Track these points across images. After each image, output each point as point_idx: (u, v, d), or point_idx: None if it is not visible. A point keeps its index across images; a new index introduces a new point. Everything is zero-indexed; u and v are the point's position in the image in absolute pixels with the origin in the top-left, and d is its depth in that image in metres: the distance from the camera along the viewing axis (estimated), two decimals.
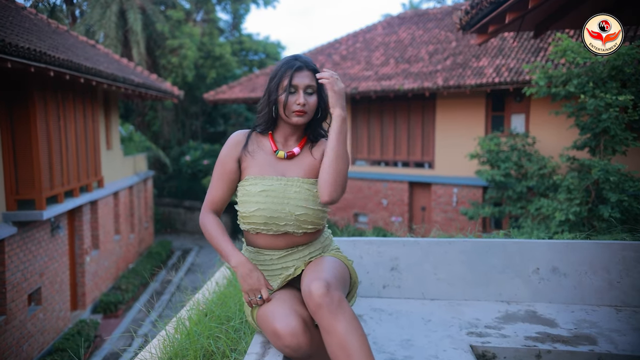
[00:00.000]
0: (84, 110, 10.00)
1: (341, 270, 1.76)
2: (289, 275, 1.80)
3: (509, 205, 9.77)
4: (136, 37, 16.77)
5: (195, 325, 2.16)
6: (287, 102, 1.77)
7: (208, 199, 1.85)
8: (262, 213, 1.76)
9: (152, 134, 19.85)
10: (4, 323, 7.37)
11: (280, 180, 1.80)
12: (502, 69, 10.97)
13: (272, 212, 1.76)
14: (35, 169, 7.85)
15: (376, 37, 15.80)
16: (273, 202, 1.76)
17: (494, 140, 10.04)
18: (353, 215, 14.15)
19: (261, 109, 1.87)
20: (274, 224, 1.78)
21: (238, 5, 22.37)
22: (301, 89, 1.78)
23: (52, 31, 10.23)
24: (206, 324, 2.13)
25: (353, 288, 1.91)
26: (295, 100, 1.77)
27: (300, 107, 1.76)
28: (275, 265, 1.84)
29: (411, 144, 13.16)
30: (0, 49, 5.82)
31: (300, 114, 1.78)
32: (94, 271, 10.88)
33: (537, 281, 2.72)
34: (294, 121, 1.79)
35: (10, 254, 7.60)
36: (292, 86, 1.77)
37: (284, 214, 1.77)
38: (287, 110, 1.78)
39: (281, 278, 1.81)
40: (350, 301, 1.91)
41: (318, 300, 1.55)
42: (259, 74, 16.45)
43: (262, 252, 1.85)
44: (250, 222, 1.79)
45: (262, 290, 1.70)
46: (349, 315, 1.55)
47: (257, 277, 1.71)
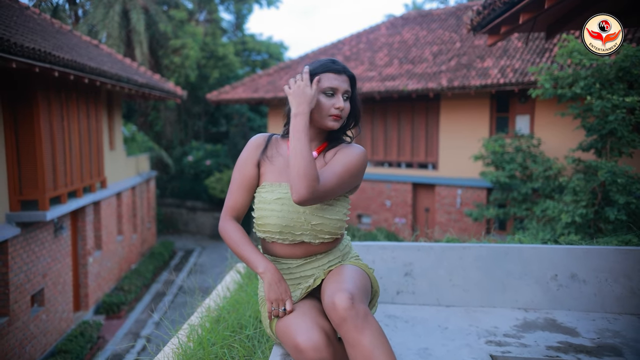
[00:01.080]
0: (87, 110, 9.95)
1: (363, 280, 1.70)
2: (310, 287, 1.75)
3: (514, 206, 9.71)
4: (139, 37, 16.73)
5: (208, 333, 2.11)
6: (324, 105, 1.70)
7: (228, 205, 1.78)
8: (277, 222, 1.70)
9: (154, 134, 19.82)
10: (7, 324, 7.33)
11: None
12: (507, 70, 10.91)
13: (287, 220, 1.70)
14: (39, 170, 7.80)
15: (380, 37, 15.75)
16: (289, 211, 1.70)
17: (498, 142, 9.98)
18: (356, 216, 14.10)
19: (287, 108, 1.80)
20: (289, 233, 1.72)
21: (241, 5, 22.34)
22: (340, 93, 1.72)
23: (56, 31, 10.19)
24: (220, 332, 2.07)
25: (374, 297, 1.85)
26: (333, 104, 1.70)
27: (339, 112, 1.70)
28: (294, 274, 1.78)
29: (415, 145, 13.09)
30: (5, 49, 5.77)
31: (337, 119, 1.71)
32: (96, 272, 10.84)
33: (555, 288, 2.67)
34: (329, 125, 1.72)
35: (14, 255, 7.56)
36: (332, 89, 1.71)
37: (299, 223, 1.71)
38: (322, 112, 1.71)
39: (301, 289, 1.76)
40: (372, 310, 1.85)
41: (343, 313, 1.49)
42: (262, 74, 16.39)
43: (279, 260, 1.80)
44: (266, 231, 1.74)
45: (287, 302, 1.65)
46: (375, 329, 1.49)
47: (285, 288, 1.66)
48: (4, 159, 7.55)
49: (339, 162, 1.69)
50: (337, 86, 1.71)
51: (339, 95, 1.72)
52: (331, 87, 1.71)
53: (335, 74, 1.72)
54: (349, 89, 1.75)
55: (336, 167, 1.67)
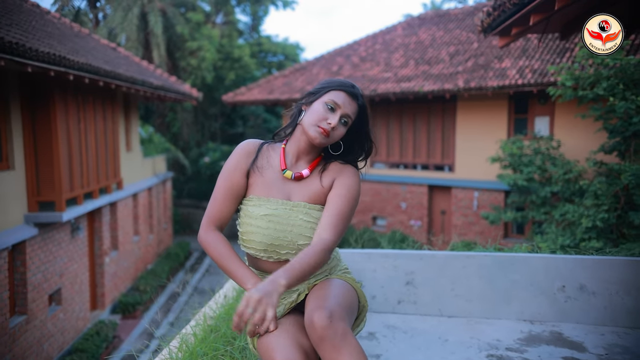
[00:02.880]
0: (103, 112, 10.07)
1: (348, 295, 1.64)
2: (293, 302, 1.69)
3: (532, 210, 9.51)
4: (157, 39, 16.91)
5: (199, 343, 2.08)
6: (318, 114, 1.63)
7: (212, 214, 1.70)
8: (263, 239, 1.64)
9: (171, 135, 20.00)
10: (25, 323, 7.47)
11: (285, 204, 1.67)
12: (525, 70, 10.70)
13: (273, 239, 1.64)
14: (55, 171, 7.91)
15: (396, 38, 15.62)
16: (275, 229, 1.64)
17: (516, 144, 9.79)
18: (371, 218, 14.00)
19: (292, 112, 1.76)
20: (274, 252, 1.66)
21: (257, 7, 22.42)
22: (339, 112, 1.64)
23: (74, 35, 10.34)
24: (210, 343, 2.04)
25: (362, 312, 1.78)
26: (327, 118, 1.63)
27: (328, 127, 1.62)
28: None
29: (431, 147, 12.94)
30: (20, 54, 5.86)
31: (323, 133, 1.63)
32: (113, 272, 10.96)
33: (563, 300, 2.57)
34: (312, 135, 1.64)
35: (32, 255, 7.69)
36: (334, 103, 1.64)
37: (285, 242, 1.65)
38: (312, 120, 1.63)
39: (284, 304, 1.71)
40: (360, 325, 1.79)
41: (320, 332, 1.44)
42: (277, 75, 16.41)
43: (264, 275, 1.74)
44: (250, 247, 1.68)
45: (272, 323, 1.56)
46: (354, 349, 1.43)
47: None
48: (22, 160, 7.68)
49: (343, 201, 1.65)
50: (341, 105, 1.64)
51: (337, 113, 1.64)
52: (335, 101, 1.64)
53: (348, 95, 1.65)
54: (352, 116, 1.67)
55: (341, 206, 1.64)
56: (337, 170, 1.73)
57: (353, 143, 1.76)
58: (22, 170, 7.69)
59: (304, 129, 1.67)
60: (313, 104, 1.67)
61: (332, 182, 1.71)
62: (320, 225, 1.61)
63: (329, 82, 1.69)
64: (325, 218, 1.62)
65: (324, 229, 1.59)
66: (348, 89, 1.66)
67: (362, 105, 1.70)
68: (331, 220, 1.61)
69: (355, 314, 1.69)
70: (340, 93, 1.65)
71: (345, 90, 1.66)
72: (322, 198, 1.70)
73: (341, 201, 1.65)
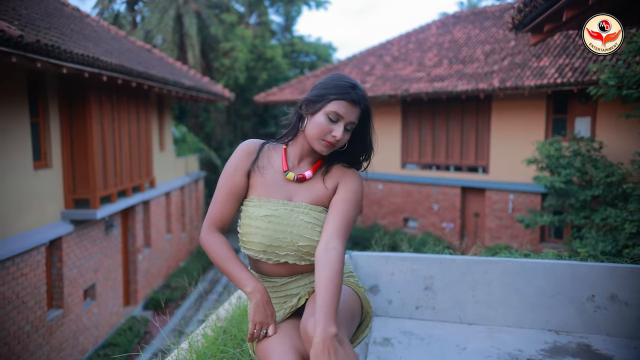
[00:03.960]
0: (137, 112, 10.29)
1: (348, 301, 1.58)
2: (293, 307, 1.65)
3: (571, 214, 9.15)
4: (191, 40, 17.19)
5: (210, 344, 2.05)
6: (322, 128, 1.58)
7: (213, 215, 1.66)
8: (262, 240, 1.60)
9: (205, 135, 20.29)
10: (61, 316, 7.71)
11: (286, 205, 1.62)
12: (565, 68, 10.32)
13: (272, 240, 1.59)
14: (90, 170, 8.12)
15: (430, 37, 15.37)
16: (275, 230, 1.59)
17: (554, 145, 9.44)
18: (402, 219, 13.82)
19: (291, 116, 1.71)
20: (273, 253, 1.61)
21: (290, 8, 22.49)
22: (344, 122, 1.59)
23: (111, 37, 10.61)
24: (218, 345, 2.01)
25: (366, 318, 1.72)
26: (331, 131, 1.58)
27: (333, 140, 1.58)
28: (279, 292, 1.68)
29: (464, 148, 12.67)
30: (55, 55, 6.03)
31: (329, 146, 1.60)
32: (145, 269, 11.18)
33: (592, 310, 2.42)
34: (318, 149, 1.61)
35: (67, 250, 7.91)
36: (337, 115, 1.58)
37: (285, 243, 1.60)
38: (316, 134, 1.59)
39: (285, 309, 1.66)
40: (365, 332, 1.72)
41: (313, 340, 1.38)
42: (309, 75, 16.42)
43: (265, 278, 1.70)
44: (249, 248, 1.64)
45: (271, 327, 1.55)
46: (348, 358, 1.37)
47: (272, 311, 1.56)
48: (60, 159, 7.92)
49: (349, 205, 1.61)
50: (344, 115, 1.58)
51: (341, 124, 1.59)
52: (337, 113, 1.57)
53: (349, 103, 1.58)
54: (356, 121, 1.62)
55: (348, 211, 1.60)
56: (340, 173, 1.69)
57: (356, 145, 1.71)
58: (60, 168, 7.93)
59: (308, 140, 1.63)
60: (315, 116, 1.60)
61: (336, 184, 1.66)
62: (328, 231, 1.55)
63: (328, 89, 1.61)
64: (332, 223, 1.56)
65: (333, 235, 1.53)
66: (349, 97, 1.58)
67: (365, 108, 1.64)
68: (339, 224, 1.56)
69: (356, 320, 1.63)
70: (341, 102, 1.58)
71: (346, 99, 1.58)
72: (325, 200, 1.65)
73: (348, 205, 1.60)
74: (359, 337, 1.72)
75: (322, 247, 1.50)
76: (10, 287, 6.41)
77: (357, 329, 1.72)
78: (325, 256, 1.47)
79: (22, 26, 5.95)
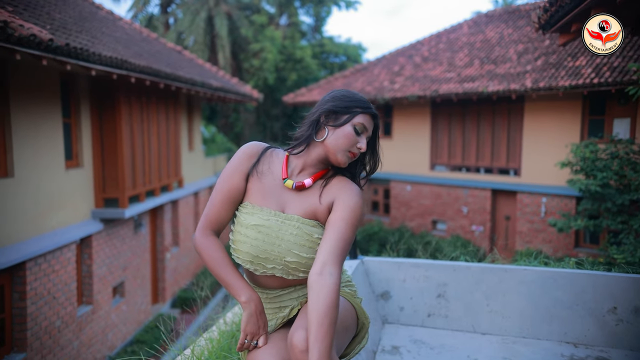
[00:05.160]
0: (166, 113, 10.45)
1: (341, 314, 1.53)
2: (284, 317, 1.61)
3: (607, 218, 8.82)
4: (222, 41, 17.39)
5: (214, 349, 2.04)
6: (350, 139, 1.57)
7: (209, 217, 1.61)
8: (249, 250, 1.55)
9: (234, 135, 20.49)
10: (91, 312, 7.89)
11: (278, 215, 1.57)
12: (603, 68, 9.94)
13: (260, 251, 1.54)
14: (119, 169, 8.28)
15: (461, 37, 15.09)
16: (264, 241, 1.54)
17: (589, 147, 9.10)
18: (431, 222, 13.61)
19: (306, 128, 1.65)
20: (259, 265, 1.56)
21: (320, 8, 22.49)
22: (366, 135, 1.61)
23: (142, 39, 10.82)
24: (219, 351, 1.99)
25: (362, 330, 1.66)
26: (357, 142, 1.58)
27: (358, 152, 1.60)
28: (273, 303, 1.64)
29: (495, 150, 12.38)
30: (85, 58, 6.18)
31: (353, 157, 1.60)
32: (173, 267, 11.35)
33: (613, 323, 2.30)
34: (341, 160, 1.58)
35: (97, 248, 8.10)
36: (363, 126, 1.60)
37: (272, 256, 1.54)
38: (343, 145, 1.57)
39: (276, 319, 1.63)
40: (361, 342, 1.67)
41: (298, 354, 1.35)
42: (338, 76, 16.37)
43: (257, 288, 1.66)
44: (237, 257, 1.59)
45: (262, 338, 1.51)
46: None
47: (264, 322, 1.53)
48: (90, 158, 8.11)
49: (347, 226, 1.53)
50: (368, 127, 1.62)
51: (364, 136, 1.61)
52: (363, 124, 1.60)
53: (370, 117, 1.62)
54: (371, 134, 1.66)
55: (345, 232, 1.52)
56: (338, 187, 1.61)
57: (364, 156, 1.69)
58: (90, 168, 8.12)
59: (329, 151, 1.59)
60: (341, 128, 1.59)
61: (332, 201, 1.59)
62: (323, 253, 1.46)
63: (354, 102, 1.62)
64: (329, 244, 1.48)
65: (329, 259, 1.44)
66: (371, 111, 1.63)
67: (377, 124, 1.67)
68: (336, 247, 1.47)
69: (349, 333, 1.58)
70: (366, 116, 1.61)
71: (370, 113, 1.62)
72: (318, 214, 1.59)
73: (345, 226, 1.52)
74: (355, 348, 1.67)
75: (317, 271, 1.42)
76: (42, 283, 6.60)
77: (353, 339, 1.67)
78: (320, 282, 1.40)
79: (53, 30, 6.12)
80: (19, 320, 6.25)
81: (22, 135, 6.32)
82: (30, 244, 6.36)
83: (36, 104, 6.61)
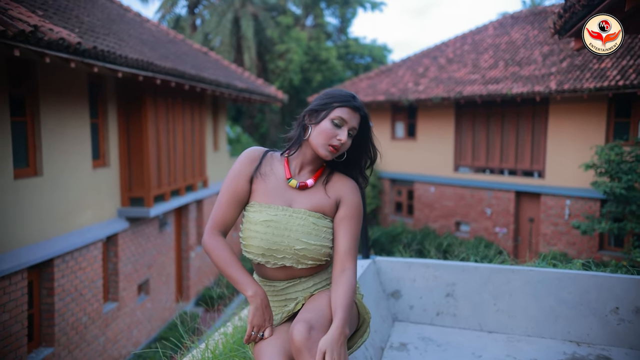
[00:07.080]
0: (192, 113, 10.64)
1: None
2: (290, 311, 1.72)
3: (632, 221, 8.69)
4: (248, 42, 17.60)
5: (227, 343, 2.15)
6: (327, 132, 1.67)
7: (216, 219, 1.72)
8: (260, 244, 1.66)
9: (259, 135, 20.70)
10: (116, 309, 8.08)
11: (285, 210, 1.69)
12: (629, 70, 9.77)
13: (270, 244, 1.66)
14: (145, 169, 8.47)
15: (486, 38, 14.97)
16: (273, 234, 1.66)
17: (614, 150, 8.97)
18: (454, 223, 13.54)
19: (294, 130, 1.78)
20: (271, 256, 1.68)
21: (345, 10, 22.54)
22: (347, 127, 1.69)
23: (168, 41, 11.06)
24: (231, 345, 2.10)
25: (363, 324, 1.76)
26: (336, 135, 1.67)
27: (338, 144, 1.67)
28: (279, 295, 1.75)
29: (519, 152, 12.26)
30: (111, 60, 6.38)
31: (334, 151, 1.68)
32: (198, 266, 11.54)
33: (615, 322, 2.33)
34: (323, 154, 1.68)
35: (123, 246, 8.31)
36: (342, 119, 1.68)
37: (282, 247, 1.66)
38: (322, 140, 1.67)
39: (282, 313, 1.73)
40: (363, 336, 1.76)
41: (298, 345, 1.44)
42: (362, 77, 16.40)
43: (265, 281, 1.77)
44: (249, 252, 1.70)
45: (268, 330, 1.62)
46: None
47: (270, 315, 1.64)
48: (117, 158, 8.34)
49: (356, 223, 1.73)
50: (348, 120, 1.68)
51: (345, 128, 1.68)
52: (342, 118, 1.68)
53: (351, 109, 1.69)
54: (357, 127, 1.72)
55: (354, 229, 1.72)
56: (341, 184, 1.76)
57: (357, 152, 1.79)
58: (117, 167, 8.34)
59: (313, 147, 1.71)
60: (320, 124, 1.69)
61: (338, 197, 1.74)
62: (340, 253, 1.66)
63: (331, 98, 1.71)
64: (343, 244, 1.67)
65: (346, 257, 1.66)
66: (351, 104, 1.70)
67: (364, 116, 1.74)
68: (350, 245, 1.67)
69: (352, 326, 1.67)
70: (344, 109, 1.69)
71: (349, 106, 1.69)
72: (325, 207, 1.72)
73: (353, 223, 1.71)
74: (357, 342, 1.77)
75: (339, 270, 1.64)
76: (69, 280, 6.80)
77: (354, 334, 1.77)
78: (342, 276, 1.62)
79: (82, 33, 6.34)
80: (47, 316, 6.44)
81: (51, 136, 6.50)
82: (58, 242, 6.53)
83: (65, 105, 6.80)
